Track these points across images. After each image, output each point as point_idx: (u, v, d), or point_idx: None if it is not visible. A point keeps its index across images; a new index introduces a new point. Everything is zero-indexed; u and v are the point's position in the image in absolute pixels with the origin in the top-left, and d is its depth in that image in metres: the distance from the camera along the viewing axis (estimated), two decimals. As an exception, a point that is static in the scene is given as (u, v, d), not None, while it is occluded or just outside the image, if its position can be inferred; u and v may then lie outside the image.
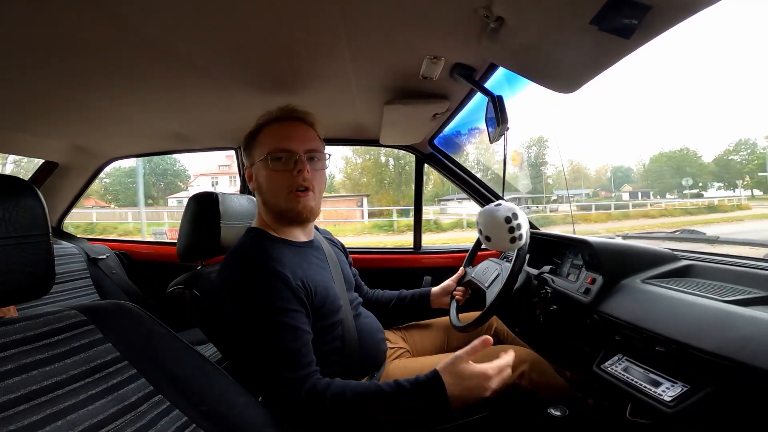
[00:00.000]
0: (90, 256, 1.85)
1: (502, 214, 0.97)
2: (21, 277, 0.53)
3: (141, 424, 0.54)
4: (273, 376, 0.79)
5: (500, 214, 0.98)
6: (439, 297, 1.36)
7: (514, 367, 1.02)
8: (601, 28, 0.56)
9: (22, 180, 0.55)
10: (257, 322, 0.81)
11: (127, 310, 0.69)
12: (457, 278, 1.38)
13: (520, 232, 0.98)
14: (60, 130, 1.55)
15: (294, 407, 0.77)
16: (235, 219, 1.18)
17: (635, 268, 1.11)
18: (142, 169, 19.32)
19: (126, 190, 25.21)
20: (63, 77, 1.01)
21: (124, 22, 0.75)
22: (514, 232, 0.97)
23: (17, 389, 0.48)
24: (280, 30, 0.81)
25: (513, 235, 0.97)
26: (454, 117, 1.45)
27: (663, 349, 0.85)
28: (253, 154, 0.97)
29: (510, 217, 0.97)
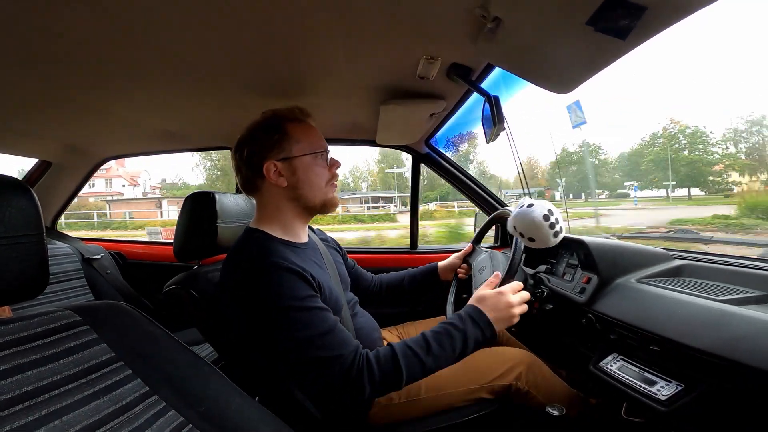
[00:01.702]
0: (84, 256, 1.84)
1: (539, 213, 1.00)
2: (14, 278, 0.52)
3: (137, 425, 0.54)
4: (316, 363, 0.79)
5: (537, 214, 1.00)
6: (445, 272, 1.39)
7: (511, 369, 1.03)
8: (597, 29, 0.56)
9: (15, 179, 0.55)
10: (284, 318, 0.80)
11: (121, 310, 0.68)
12: (462, 255, 1.38)
13: (560, 225, 1.01)
14: (54, 129, 1.54)
15: (344, 386, 0.79)
16: (232, 218, 1.18)
17: (630, 268, 1.12)
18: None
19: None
20: (57, 76, 1.00)
21: (119, 21, 0.74)
22: (554, 227, 1.00)
23: (11, 390, 0.48)
24: (276, 30, 0.81)
25: (555, 230, 1.00)
26: (451, 117, 1.46)
27: (657, 348, 0.86)
28: (287, 148, 0.95)
29: (547, 215, 1.00)
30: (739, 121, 24.65)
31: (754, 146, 23.72)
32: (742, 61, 64.44)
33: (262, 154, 0.95)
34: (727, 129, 24.52)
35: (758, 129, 24.10)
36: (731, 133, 24.00)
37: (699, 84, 60.82)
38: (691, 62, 71.16)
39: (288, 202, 0.98)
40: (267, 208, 0.99)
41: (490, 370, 1.04)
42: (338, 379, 0.79)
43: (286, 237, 0.97)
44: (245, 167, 0.97)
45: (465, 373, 1.03)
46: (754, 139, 23.98)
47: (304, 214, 1.01)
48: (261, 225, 0.98)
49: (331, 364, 0.79)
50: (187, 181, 35.88)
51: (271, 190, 0.97)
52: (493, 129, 1.01)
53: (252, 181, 0.98)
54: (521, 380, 1.02)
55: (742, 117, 25.18)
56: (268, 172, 0.94)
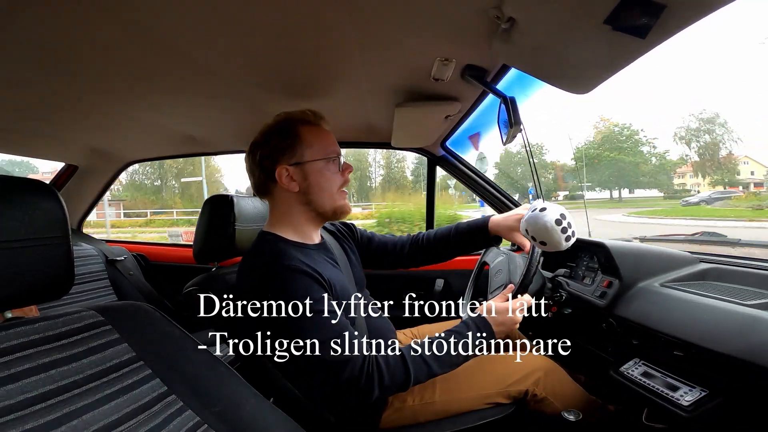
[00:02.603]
0: (108, 257, 1.89)
1: (552, 217, 0.97)
2: (41, 278, 0.54)
3: (154, 424, 0.55)
4: (325, 365, 0.80)
5: (549, 219, 0.98)
6: (499, 228, 1.17)
7: (529, 375, 1.01)
8: (615, 28, 0.55)
9: (43, 183, 0.57)
10: (296, 320, 0.81)
11: (143, 310, 0.70)
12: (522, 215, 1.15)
13: (573, 230, 0.99)
14: (79, 134, 1.59)
15: (352, 388, 0.81)
16: (249, 221, 1.20)
17: (653, 272, 1.09)
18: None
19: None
20: (82, 82, 1.03)
21: (139, 29, 0.77)
22: (567, 232, 0.98)
23: (34, 388, 0.49)
24: (291, 34, 0.82)
25: (567, 235, 0.98)
26: (467, 118, 1.44)
27: (682, 353, 0.84)
28: (299, 153, 0.94)
29: (560, 219, 0.97)
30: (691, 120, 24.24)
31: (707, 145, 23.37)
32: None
33: (275, 158, 0.95)
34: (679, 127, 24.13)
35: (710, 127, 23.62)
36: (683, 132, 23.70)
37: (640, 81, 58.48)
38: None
39: (299, 206, 0.98)
40: (279, 211, 0.99)
41: (508, 375, 1.02)
42: (346, 382, 0.80)
43: (299, 239, 0.98)
44: (258, 170, 0.97)
45: (481, 378, 1.01)
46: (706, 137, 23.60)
47: (316, 219, 1.01)
48: (273, 228, 0.98)
49: (340, 368, 0.80)
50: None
51: (282, 194, 0.97)
52: (510, 130, 1.00)
53: (264, 185, 0.98)
54: (539, 386, 1.01)
55: (694, 115, 24.64)
56: (280, 177, 0.94)
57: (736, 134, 23.37)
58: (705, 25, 0.55)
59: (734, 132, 23.42)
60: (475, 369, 1.02)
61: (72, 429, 0.48)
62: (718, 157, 22.98)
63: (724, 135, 23.58)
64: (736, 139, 23.29)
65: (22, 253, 0.51)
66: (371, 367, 0.81)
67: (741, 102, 46.13)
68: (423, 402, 0.98)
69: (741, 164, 22.20)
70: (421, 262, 1.29)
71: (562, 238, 0.97)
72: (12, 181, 0.54)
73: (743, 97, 47.23)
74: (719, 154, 23.09)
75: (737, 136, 23.31)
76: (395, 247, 1.28)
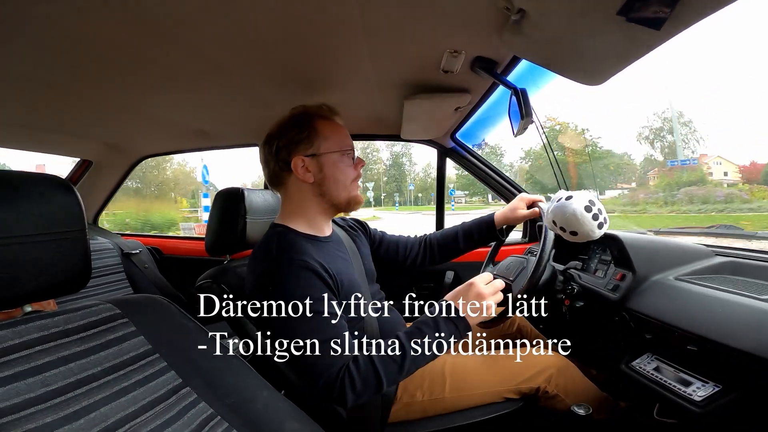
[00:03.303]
0: (124, 251, 1.92)
1: (580, 204, 0.94)
2: (60, 272, 0.55)
3: (169, 416, 0.56)
4: (307, 365, 0.81)
5: (578, 206, 0.93)
6: (505, 217, 1.23)
7: (541, 372, 1.00)
8: (629, 19, 0.54)
9: (59, 178, 0.58)
10: (292, 315, 0.82)
11: (158, 303, 0.71)
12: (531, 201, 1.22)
13: (604, 216, 0.95)
14: (93, 129, 1.62)
15: (327, 394, 0.80)
16: (260, 214, 1.21)
17: (667, 265, 1.07)
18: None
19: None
20: (95, 78, 1.05)
21: (151, 24, 0.78)
22: (599, 218, 0.94)
23: (54, 382, 0.50)
24: (300, 27, 0.82)
25: (599, 221, 0.94)
26: (477, 110, 1.43)
27: (695, 348, 0.82)
28: (315, 144, 0.96)
29: (589, 206, 0.94)
30: (654, 119, 23.99)
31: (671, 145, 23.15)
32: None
33: (291, 148, 0.96)
34: (643, 127, 23.96)
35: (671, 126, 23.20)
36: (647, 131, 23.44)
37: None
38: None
39: (313, 198, 0.98)
40: (292, 202, 1.00)
41: (519, 373, 1.01)
42: (322, 388, 0.80)
43: (310, 231, 0.99)
44: (273, 161, 0.98)
45: (493, 375, 1.01)
46: (669, 137, 23.39)
47: (329, 211, 1.02)
48: (285, 220, 0.99)
49: (319, 372, 0.80)
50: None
51: (297, 185, 0.98)
52: (521, 122, 0.99)
53: (279, 175, 0.99)
54: (550, 383, 1.00)
55: (657, 114, 24.41)
56: (296, 168, 0.95)
57: (699, 134, 23.31)
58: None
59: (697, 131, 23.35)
60: (486, 366, 1.01)
61: (90, 421, 0.50)
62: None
63: (687, 135, 23.42)
64: (699, 138, 23.21)
65: (41, 247, 0.52)
66: (343, 374, 0.81)
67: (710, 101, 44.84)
68: (432, 398, 0.98)
69: (714, 164, 21.32)
70: (430, 263, 1.32)
71: (594, 226, 0.93)
72: (29, 176, 0.54)
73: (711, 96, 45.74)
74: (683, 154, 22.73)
75: (700, 135, 23.20)
76: (405, 249, 1.31)
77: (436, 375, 0.98)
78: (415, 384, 0.97)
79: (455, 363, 0.94)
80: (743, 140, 39.09)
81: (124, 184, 2.28)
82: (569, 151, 12.14)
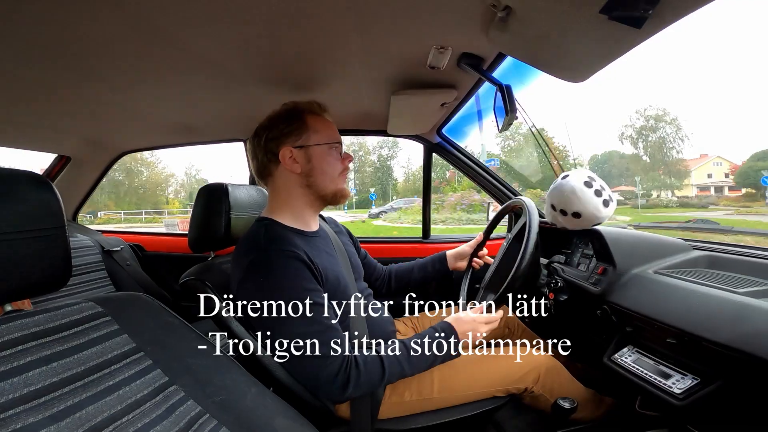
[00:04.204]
0: (105, 248, 1.87)
1: (579, 180, 0.87)
2: (40, 270, 0.54)
3: (157, 414, 0.55)
4: (305, 357, 0.82)
5: (577, 182, 0.87)
6: (453, 261, 1.38)
7: (529, 373, 1.02)
8: (612, 18, 0.55)
9: (35, 174, 0.56)
10: (285, 307, 0.82)
11: (142, 301, 0.70)
12: (474, 245, 1.37)
13: (609, 192, 0.87)
14: (72, 124, 1.57)
15: (327, 384, 0.83)
16: (245, 210, 1.19)
17: (647, 259, 1.09)
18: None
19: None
20: (74, 72, 1.02)
21: (135, 16, 0.76)
22: (602, 195, 0.86)
23: (37, 381, 0.49)
24: (287, 23, 0.81)
25: (604, 198, 0.87)
26: (463, 106, 1.44)
27: (674, 341, 0.84)
28: (304, 137, 0.98)
29: (589, 182, 0.87)
30: (636, 117, 23.31)
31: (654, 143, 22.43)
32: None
33: (280, 140, 0.97)
34: (625, 125, 23.29)
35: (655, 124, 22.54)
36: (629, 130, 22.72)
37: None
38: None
39: (300, 189, 0.99)
40: (279, 195, 1.01)
41: (509, 373, 1.02)
42: (323, 378, 0.82)
43: (297, 225, 0.99)
44: (261, 153, 0.99)
45: (482, 376, 1.01)
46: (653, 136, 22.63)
47: (316, 203, 1.03)
48: (271, 213, 1.00)
49: (320, 362, 0.82)
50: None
51: (284, 176, 0.99)
52: (506, 118, 0.99)
53: (266, 167, 1.00)
54: (538, 384, 1.01)
55: (639, 113, 23.70)
56: (284, 158, 0.97)
57: (683, 132, 22.54)
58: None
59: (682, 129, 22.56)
60: (475, 367, 1.02)
61: (76, 420, 0.49)
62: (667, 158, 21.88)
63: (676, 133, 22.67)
64: (683, 136, 22.46)
65: (19, 245, 0.51)
66: (349, 366, 0.83)
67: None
68: (421, 398, 0.98)
69: (713, 165, 20.70)
70: (386, 292, 1.41)
71: (599, 203, 0.86)
72: (4, 173, 0.53)
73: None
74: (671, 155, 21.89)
75: (684, 134, 22.46)
76: (375, 273, 1.38)
77: (425, 375, 0.97)
78: (404, 384, 0.97)
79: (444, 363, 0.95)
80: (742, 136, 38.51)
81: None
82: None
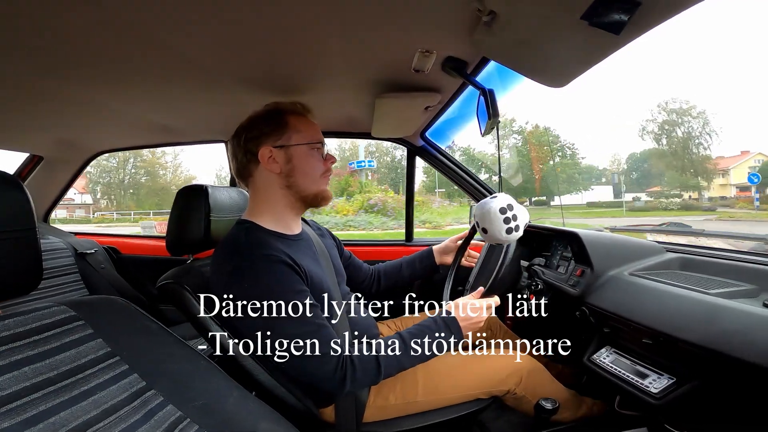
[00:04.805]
0: (78, 250, 1.82)
1: (498, 205, 0.96)
2: (8, 273, 0.52)
3: (135, 419, 0.54)
4: (301, 358, 0.81)
5: (495, 206, 0.97)
6: (440, 256, 1.40)
7: (511, 375, 1.03)
8: (592, 24, 0.56)
9: (6, 174, 0.54)
10: (275, 311, 0.81)
11: (117, 305, 0.68)
12: (457, 239, 1.39)
13: (516, 223, 0.97)
14: (45, 123, 1.51)
15: (325, 382, 0.83)
16: (225, 212, 1.17)
17: (622, 261, 1.12)
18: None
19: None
20: (48, 70, 0.98)
21: (113, 15, 0.73)
22: (510, 223, 0.96)
23: (8, 386, 0.47)
24: (270, 25, 0.80)
25: (509, 226, 0.96)
26: (446, 109, 1.45)
27: (650, 341, 0.86)
28: (285, 136, 0.96)
29: (505, 208, 0.96)
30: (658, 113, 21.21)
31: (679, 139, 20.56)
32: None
33: (260, 139, 0.95)
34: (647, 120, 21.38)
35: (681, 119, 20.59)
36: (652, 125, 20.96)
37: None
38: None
39: (281, 191, 0.97)
40: (259, 196, 0.99)
41: (492, 375, 1.02)
42: (321, 377, 0.83)
43: (278, 229, 0.97)
44: (241, 153, 0.97)
45: (466, 378, 1.02)
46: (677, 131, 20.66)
47: (297, 205, 1.01)
48: (252, 216, 0.97)
49: (315, 362, 0.82)
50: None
51: (264, 176, 0.97)
52: (489, 122, 1.01)
53: (246, 167, 0.98)
54: (520, 386, 1.02)
55: (662, 107, 21.32)
56: (263, 158, 0.94)
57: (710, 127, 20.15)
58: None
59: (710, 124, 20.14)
60: (459, 370, 1.02)
61: (50, 426, 0.47)
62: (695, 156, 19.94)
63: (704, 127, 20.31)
64: (710, 131, 20.20)
65: None
66: (345, 364, 0.83)
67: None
68: (406, 401, 0.98)
69: (755, 162, 17.84)
70: (375, 292, 1.40)
71: (503, 229, 0.96)
72: None
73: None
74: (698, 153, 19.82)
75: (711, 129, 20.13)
76: (360, 274, 1.37)
77: (409, 378, 0.97)
78: (388, 387, 0.97)
79: (428, 365, 0.95)
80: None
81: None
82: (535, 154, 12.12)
